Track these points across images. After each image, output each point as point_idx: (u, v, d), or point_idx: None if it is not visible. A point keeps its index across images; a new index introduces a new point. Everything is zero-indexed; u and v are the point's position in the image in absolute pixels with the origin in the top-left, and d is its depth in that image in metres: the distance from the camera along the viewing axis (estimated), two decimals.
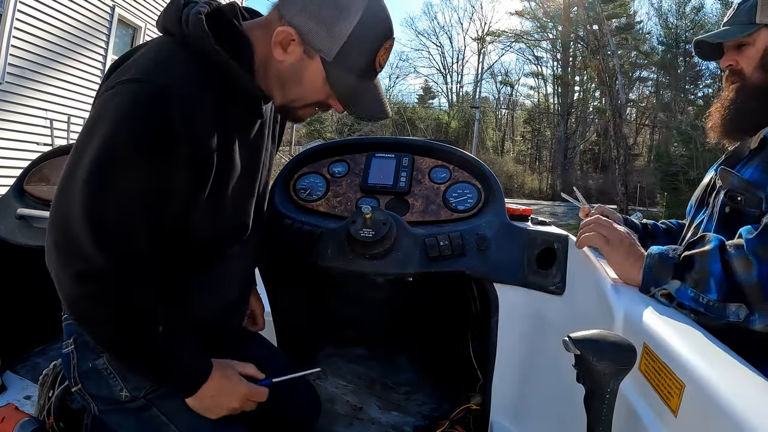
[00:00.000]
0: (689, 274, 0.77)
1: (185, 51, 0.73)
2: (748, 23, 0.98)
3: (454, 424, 1.30)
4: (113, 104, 0.68)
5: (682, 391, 0.56)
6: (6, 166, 5.37)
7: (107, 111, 0.68)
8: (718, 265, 0.75)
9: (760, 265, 0.72)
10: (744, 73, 0.99)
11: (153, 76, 0.69)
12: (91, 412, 0.86)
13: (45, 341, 1.66)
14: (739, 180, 0.91)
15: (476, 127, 22.39)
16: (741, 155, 0.97)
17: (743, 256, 0.73)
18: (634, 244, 0.89)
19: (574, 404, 0.70)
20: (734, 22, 1.00)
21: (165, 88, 0.68)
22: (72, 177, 0.68)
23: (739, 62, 1.00)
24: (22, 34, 5.36)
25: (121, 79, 0.69)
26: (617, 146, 16.66)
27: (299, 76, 0.79)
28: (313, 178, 1.33)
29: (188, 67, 0.72)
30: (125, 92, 0.68)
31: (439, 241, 1.09)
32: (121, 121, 0.66)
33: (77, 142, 0.70)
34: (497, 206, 1.16)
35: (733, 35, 0.99)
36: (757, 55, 0.97)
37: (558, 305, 1.05)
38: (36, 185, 1.51)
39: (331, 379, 1.60)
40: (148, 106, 0.67)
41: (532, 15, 27.11)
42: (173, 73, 0.70)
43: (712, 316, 0.74)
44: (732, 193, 0.91)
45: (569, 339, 0.58)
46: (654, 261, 0.82)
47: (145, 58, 0.73)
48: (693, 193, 1.12)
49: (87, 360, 0.83)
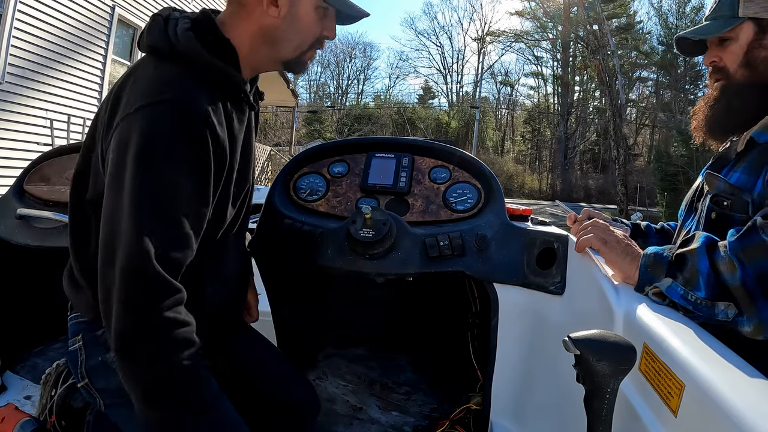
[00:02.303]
0: (680, 272, 0.76)
1: (178, 65, 0.77)
2: (731, 17, 0.93)
3: (454, 424, 1.30)
4: (137, 131, 0.69)
5: (682, 391, 0.56)
6: (6, 166, 5.37)
7: (132, 140, 0.69)
8: (706, 263, 0.74)
9: (742, 267, 0.71)
10: (728, 69, 0.95)
11: (165, 95, 0.71)
12: (96, 407, 0.87)
13: (45, 341, 1.66)
14: (725, 184, 0.89)
15: (476, 127, 22.41)
16: (728, 158, 0.94)
17: (728, 257, 0.72)
18: (631, 245, 0.89)
19: (574, 404, 0.70)
20: (716, 16, 0.96)
21: (181, 103, 0.72)
22: (116, 215, 0.69)
23: (722, 59, 0.96)
24: (22, 34, 5.36)
25: (133, 108, 0.71)
26: (617, 146, 16.67)
27: (295, 20, 0.84)
28: (313, 178, 1.33)
29: (188, 79, 0.76)
30: (144, 117, 0.70)
31: (439, 241, 1.09)
32: (151, 142, 0.69)
33: (108, 182, 0.71)
34: (497, 206, 1.16)
35: (715, 31, 0.94)
36: (740, 51, 0.93)
37: (558, 305, 1.05)
38: (36, 185, 1.51)
39: (331, 379, 1.60)
40: (172, 121, 0.70)
41: (532, 15, 27.13)
42: (182, 88, 0.74)
43: (700, 314, 0.73)
44: (718, 197, 0.89)
45: (569, 339, 0.58)
46: (649, 260, 0.82)
47: (147, 82, 0.75)
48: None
49: (96, 354, 0.84)
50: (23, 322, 1.60)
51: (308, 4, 0.84)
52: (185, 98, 0.72)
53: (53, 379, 1.14)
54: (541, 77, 29.36)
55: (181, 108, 0.71)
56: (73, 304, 0.88)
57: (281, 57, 0.88)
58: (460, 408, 1.32)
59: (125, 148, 0.69)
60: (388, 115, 28.54)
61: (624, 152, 16.36)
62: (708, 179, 0.94)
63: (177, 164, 0.70)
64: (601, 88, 22.55)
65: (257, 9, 0.82)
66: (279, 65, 0.90)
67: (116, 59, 6.96)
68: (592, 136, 26.55)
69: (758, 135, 0.86)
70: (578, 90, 27.81)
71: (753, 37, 0.91)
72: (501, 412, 1.16)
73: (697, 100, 21.29)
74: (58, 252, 1.24)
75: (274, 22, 0.83)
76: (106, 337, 0.83)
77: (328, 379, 1.60)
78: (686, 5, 23.06)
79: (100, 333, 0.84)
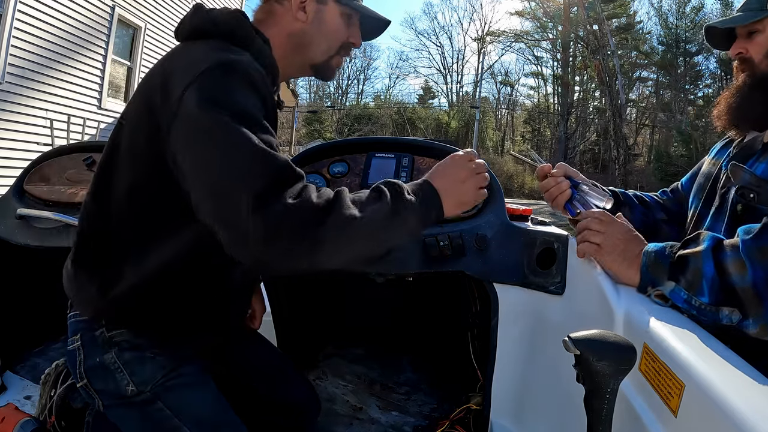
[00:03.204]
0: (683, 275, 0.76)
1: (230, 44, 0.79)
2: (759, 9, 0.95)
3: (454, 424, 1.30)
4: (200, 90, 0.68)
5: (682, 391, 0.56)
6: (6, 166, 5.37)
7: (201, 99, 0.68)
8: (711, 267, 0.73)
9: (754, 268, 0.69)
10: (753, 60, 0.96)
11: (220, 59, 0.72)
12: (96, 408, 0.87)
13: (45, 341, 1.66)
14: (751, 176, 0.87)
15: (476, 127, 22.41)
16: (754, 149, 0.93)
17: (738, 257, 0.71)
18: (630, 241, 0.87)
19: (574, 404, 0.70)
20: (746, 8, 0.98)
21: (236, 62, 0.72)
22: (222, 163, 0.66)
23: (749, 50, 0.97)
24: (22, 34, 5.36)
25: (192, 77, 0.70)
26: (617, 146, 16.66)
27: (322, 25, 0.89)
28: (313, 178, 1.33)
29: (241, 52, 0.78)
30: (205, 79, 0.69)
31: (439, 241, 1.09)
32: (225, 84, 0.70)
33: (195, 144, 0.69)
34: (497, 206, 1.16)
35: (742, 21, 0.96)
36: (766, 43, 0.94)
37: (558, 305, 1.05)
38: (36, 185, 1.51)
39: (331, 379, 1.60)
40: (232, 72, 0.71)
41: (532, 15, 27.13)
42: (240, 55, 0.75)
43: (704, 319, 0.72)
44: (743, 190, 0.88)
45: (569, 339, 0.58)
46: (650, 260, 0.81)
47: (199, 54, 0.75)
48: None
49: (94, 355, 0.84)
50: (23, 322, 1.60)
51: (334, 10, 0.90)
52: (237, 60, 0.73)
53: (53, 379, 1.14)
54: (541, 77, 29.36)
55: (243, 64, 0.73)
56: (72, 301, 0.88)
57: (310, 61, 0.92)
58: (460, 408, 1.32)
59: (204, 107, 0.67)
60: (388, 115, 28.55)
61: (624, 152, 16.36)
62: (733, 170, 0.93)
63: (245, 96, 0.70)
64: (601, 88, 22.58)
65: (286, 15, 0.87)
66: (309, 70, 0.94)
67: (116, 59, 6.96)
68: (592, 136, 26.53)
69: None
70: (578, 90, 27.80)
71: None
72: (501, 412, 1.16)
73: (697, 100, 21.32)
74: (58, 252, 1.24)
75: (303, 27, 0.88)
76: (104, 337, 0.83)
77: (328, 379, 1.60)
78: (686, 5, 23.07)
79: (99, 333, 0.84)
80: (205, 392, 0.88)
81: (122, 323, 0.84)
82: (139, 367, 0.82)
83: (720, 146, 1.09)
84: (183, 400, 0.84)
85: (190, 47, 0.80)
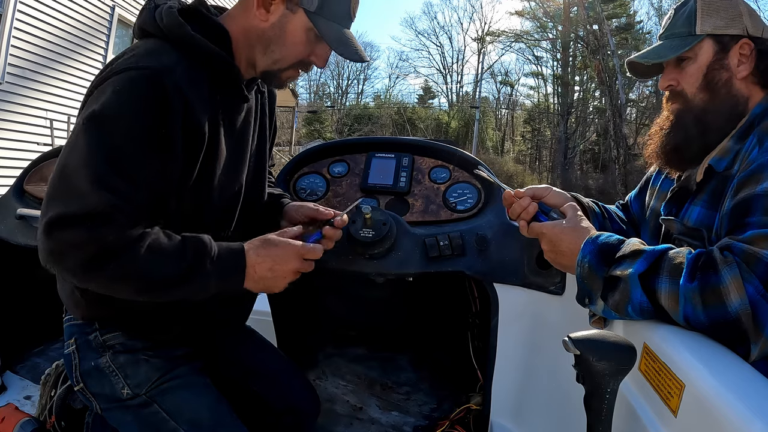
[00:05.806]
0: (611, 296, 0.71)
1: (167, 44, 0.78)
2: (688, 34, 0.85)
3: (454, 424, 1.30)
4: (110, 88, 0.71)
5: (682, 391, 0.56)
6: (6, 166, 5.37)
7: (104, 94, 0.71)
8: (639, 292, 0.67)
9: (686, 306, 0.64)
10: (686, 94, 0.87)
11: (144, 63, 0.73)
12: (93, 410, 0.87)
13: (45, 341, 1.66)
14: (682, 226, 0.83)
15: (476, 127, 22.42)
16: (689, 189, 0.86)
17: (673, 293, 0.65)
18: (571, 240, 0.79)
19: (574, 404, 0.70)
20: (671, 34, 0.88)
21: (158, 70, 0.72)
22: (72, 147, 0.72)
23: (680, 82, 0.87)
24: (22, 34, 5.36)
25: (114, 71, 0.72)
26: (617, 146, 16.66)
27: (282, 34, 0.83)
28: (313, 178, 1.33)
29: (174, 54, 0.77)
30: (121, 79, 0.71)
31: (439, 241, 1.09)
32: (119, 96, 0.70)
33: (76, 124, 0.74)
34: (497, 206, 1.16)
35: (671, 53, 0.86)
36: (699, 73, 0.84)
37: (558, 305, 1.05)
38: (36, 185, 1.51)
39: (331, 379, 1.60)
40: (144, 85, 0.71)
41: (532, 15, 27.10)
42: (163, 59, 0.75)
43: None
44: (679, 239, 0.84)
45: (569, 339, 0.58)
46: (584, 271, 0.74)
47: (133, 53, 0.77)
48: None
49: (89, 359, 0.84)
50: (23, 322, 1.60)
51: (301, 23, 0.82)
52: (161, 67, 0.73)
53: (53, 380, 1.14)
54: (541, 77, 29.33)
55: (154, 74, 0.72)
56: (65, 305, 0.88)
57: (258, 63, 0.87)
58: (460, 408, 1.32)
59: (94, 101, 0.71)
60: (388, 115, 28.53)
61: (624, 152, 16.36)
62: (667, 225, 0.88)
63: (139, 128, 0.71)
64: (601, 88, 22.56)
65: (251, 10, 0.83)
66: (257, 70, 0.88)
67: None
68: (592, 136, 26.51)
69: (716, 163, 0.81)
70: (578, 90, 27.76)
71: (713, 57, 0.84)
72: (501, 412, 1.16)
73: None
74: None
75: (261, 26, 0.83)
76: (98, 340, 0.83)
77: (328, 379, 1.60)
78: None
79: (93, 337, 0.84)
80: (203, 393, 0.87)
81: (114, 325, 0.84)
82: (133, 370, 0.82)
83: (664, 176, 1.02)
84: (179, 403, 0.83)
85: (134, 45, 0.81)
